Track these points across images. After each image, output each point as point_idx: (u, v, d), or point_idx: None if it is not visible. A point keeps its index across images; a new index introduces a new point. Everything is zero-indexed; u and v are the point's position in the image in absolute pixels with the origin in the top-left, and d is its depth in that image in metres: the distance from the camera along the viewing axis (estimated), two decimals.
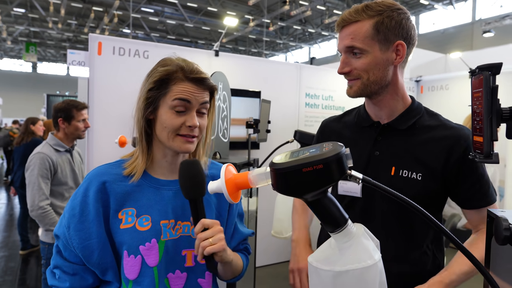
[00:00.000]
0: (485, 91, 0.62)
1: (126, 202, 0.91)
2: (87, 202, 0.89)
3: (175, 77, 0.91)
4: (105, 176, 0.92)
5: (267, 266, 4.01)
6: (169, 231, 0.91)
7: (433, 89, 5.10)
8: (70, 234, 0.88)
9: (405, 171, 1.06)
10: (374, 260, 0.62)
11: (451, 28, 16.80)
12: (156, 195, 0.93)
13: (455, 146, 1.04)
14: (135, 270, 0.88)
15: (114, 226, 0.89)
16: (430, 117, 1.13)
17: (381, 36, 1.02)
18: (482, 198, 1.06)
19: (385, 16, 1.02)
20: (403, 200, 0.59)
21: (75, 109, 2.37)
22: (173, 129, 0.90)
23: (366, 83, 1.06)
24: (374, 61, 1.04)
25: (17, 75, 30.45)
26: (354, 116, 1.24)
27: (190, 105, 0.90)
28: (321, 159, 0.59)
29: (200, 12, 17.74)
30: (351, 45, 1.04)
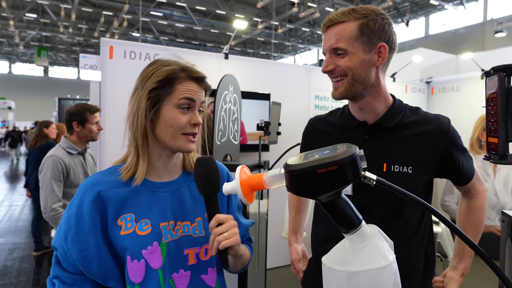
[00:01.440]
0: (500, 92, 0.62)
1: (124, 209, 0.91)
2: (82, 213, 0.89)
3: (180, 76, 0.93)
4: (100, 186, 0.91)
5: (278, 268, 4.01)
6: (169, 233, 0.92)
7: (444, 91, 5.06)
8: (68, 246, 0.88)
9: (396, 166, 1.10)
10: (388, 261, 0.62)
11: (462, 28, 16.62)
12: (153, 198, 0.94)
13: (440, 137, 1.11)
14: (140, 274, 0.89)
15: (114, 233, 0.90)
16: (411, 113, 1.18)
17: (364, 37, 1.06)
18: (471, 171, 1.19)
19: (369, 19, 1.07)
20: (417, 201, 0.60)
21: (88, 112, 2.41)
22: (179, 128, 0.91)
23: (351, 82, 1.09)
24: (357, 61, 1.07)
25: (29, 79, 31.00)
26: (339, 117, 1.26)
27: (194, 103, 0.93)
28: (336, 160, 0.60)
29: (208, 15, 17.86)
30: (335, 46, 1.08)
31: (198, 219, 0.98)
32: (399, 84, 4.97)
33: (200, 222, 0.98)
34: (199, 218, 0.98)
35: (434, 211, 0.61)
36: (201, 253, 0.96)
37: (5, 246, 4.87)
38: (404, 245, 1.11)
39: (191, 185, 1.01)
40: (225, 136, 2.23)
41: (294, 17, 16.92)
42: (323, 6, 14.99)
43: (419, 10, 17.43)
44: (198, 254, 0.95)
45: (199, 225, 0.97)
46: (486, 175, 4.45)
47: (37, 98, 30.03)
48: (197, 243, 0.96)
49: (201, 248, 0.96)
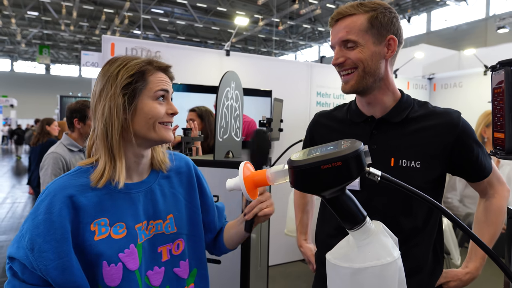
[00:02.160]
0: (506, 87, 0.61)
1: (97, 213, 0.86)
2: (52, 219, 0.81)
3: (149, 69, 0.92)
4: (70, 189, 0.85)
5: (280, 265, 4.02)
6: (143, 233, 0.91)
7: (447, 87, 5.04)
8: (34, 256, 0.79)
9: (404, 161, 1.09)
10: (393, 257, 0.62)
11: (464, 24, 16.53)
12: (127, 200, 0.91)
13: (449, 130, 1.09)
14: (117, 277, 0.86)
15: (88, 239, 0.84)
16: (420, 107, 1.16)
17: (374, 30, 1.07)
18: (486, 167, 1.14)
19: (378, 12, 1.07)
20: (421, 197, 0.60)
21: (88, 109, 2.42)
22: (158, 117, 0.90)
23: (362, 74, 1.08)
24: (367, 53, 1.07)
25: (31, 77, 31.04)
26: (346, 112, 1.26)
27: (167, 94, 0.94)
28: (340, 156, 0.59)
29: (209, 12, 17.81)
30: (346, 39, 1.07)
31: (169, 216, 0.98)
32: (401, 80, 4.95)
33: (172, 219, 0.99)
34: (171, 215, 0.99)
35: (438, 206, 0.60)
36: (173, 248, 0.98)
37: (8, 243, 4.89)
38: (412, 240, 1.11)
39: (161, 182, 1.00)
40: (227, 133, 2.22)
41: (295, 13, 16.87)
42: (324, 3, 14.93)
43: (421, 6, 17.34)
44: (170, 249, 0.97)
45: (171, 222, 0.98)
46: None
47: (39, 96, 30.07)
48: (170, 240, 0.97)
49: (173, 244, 0.98)
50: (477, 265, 1.22)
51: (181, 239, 0.99)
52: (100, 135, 0.89)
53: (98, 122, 0.89)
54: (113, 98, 0.87)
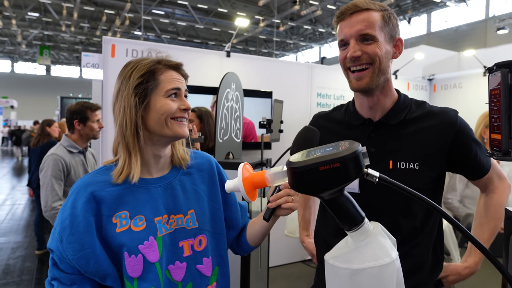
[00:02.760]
0: (503, 88, 0.61)
1: (118, 207, 0.93)
2: (76, 214, 0.90)
3: (159, 68, 0.95)
4: (92, 186, 0.93)
5: (280, 266, 4.02)
6: (164, 226, 0.95)
7: (447, 88, 5.04)
8: (63, 247, 0.89)
9: (402, 163, 1.09)
10: (391, 258, 0.62)
11: (464, 25, 16.54)
12: (146, 194, 0.96)
13: (446, 129, 1.09)
14: (138, 269, 0.91)
15: (110, 231, 0.91)
16: (417, 108, 1.16)
17: (387, 28, 1.08)
18: (485, 164, 1.15)
19: (390, 12, 1.09)
20: (419, 198, 0.60)
21: (89, 110, 2.41)
22: (171, 113, 0.94)
23: (376, 71, 1.07)
24: (383, 50, 1.07)
25: (31, 78, 31.07)
26: (344, 113, 1.25)
27: (180, 91, 0.97)
28: (338, 157, 0.59)
29: (210, 13, 17.83)
30: (365, 32, 1.05)
31: (191, 212, 1.00)
32: (401, 81, 4.96)
33: (193, 214, 1.00)
34: (192, 211, 1.00)
35: (435, 207, 0.61)
36: (195, 244, 0.99)
37: (8, 245, 4.89)
38: (412, 241, 1.11)
39: (182, 178, 1.03)
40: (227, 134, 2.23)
41: (296, 15, 16.88)
42: (324, 4, 14.94)
43: (421, 7, 17.35)
44: (192, 245, 0.98)
45: (192, 217, 1.00)
46: None
47: (39, 97, 30.10)
48: (191, 235, 0.98)
49: (195, 239, 0.99)
50: (476, 260, 1.23)
51: (203, 235, 1.01)
52: (118, 133, 0.96)
53: (115, 122, 0.97)
54: (126, 98, 0.93)
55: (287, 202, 0.94)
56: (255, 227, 1.10)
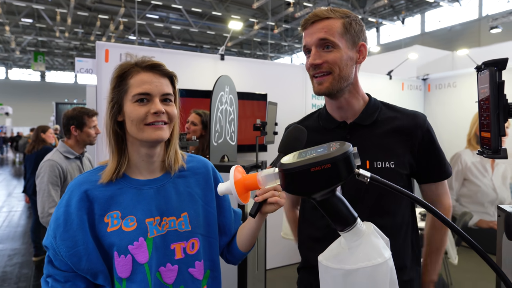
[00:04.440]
0: (491, 87, 0.62)
1: (110, 206, 0.94)
2: (70, 211, 0.92)
3: (131, 71, 0.94)
4: (86, 185, 0.95)
5: (277, 268, 4.01)
6: (155, 228, 0.94)
7: (441, 87, 5.07)
8: (57, 244, 0.91)
9: (379, 163, 1.13)
10: (384, 258, 0.62)
11: (458, 25, 16.66)
12: (138, 195, 0.96)
13: (416, 132, 1.15)
14: (127, 269, 0.91)
15: (102, 230, 0.92)
16: (388, 109, 1.21)
17: (348, 35, 1.10)
18: (438, 171, 1.20)
19: (352, 19, 1.12)
20: (410, 196, 0.61)
21: (86, 116, 2.41)
22: (140, 120, 0.92)
23: (337, 78, 1.10)
24: (344, 57, 1.09)
25: (26, 84, 30.94)
26: (317, 119, 1.28)
27: (150, 95, 0.93)
28: (329, 158, 0.60)
29: (204, 17, 17.86)
30: (324, 38, 1.09)
31: (184, 214, 0.99)
32: (396, 81, 4.98)
33: (186, 217, 0.99)
34: (185, 213, 0.99)
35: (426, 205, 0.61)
36: (187, 247, 0.98)
37: (4, 252, 4.85)
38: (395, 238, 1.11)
39: (176, 181, 1.03)
40: (221, 137, 2.23)
41: (290, 17, 16.92)
42: (318, 6, 15.00)
43: (415, 7, 17.46)
44: (185, 248, 0.97)
45: (185, 220, 0.99)
46: (484, 171, 4.46)
47: (34, 103, 29.96)
48: (184, 238, 0.98)
49: (187, 242, 0.98)
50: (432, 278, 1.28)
51: (196, 238, 1.00)
52: (105, 135, 0.98)
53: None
54: (107, 102, 0.96)
55: (273, 196, 0.92)
56: (244, 230, 1.10)
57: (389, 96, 4.66)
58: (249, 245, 1.10)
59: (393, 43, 18.77)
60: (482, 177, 4.46)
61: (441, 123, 4.82)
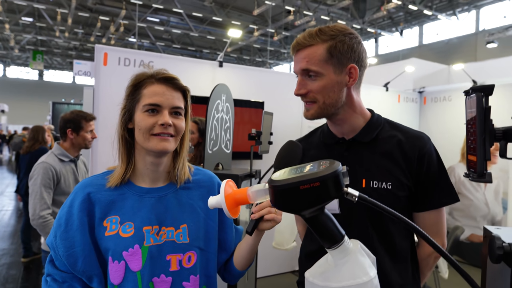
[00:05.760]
0: (478, 112, 0.63)
1: (110, 211, 0.96)
2: (72, 212, 0.94)
3: (145, 82, 0.97)
4: (90, 187, 0.97)
5: (268, 277, 3.99)
6: (152, 237, 0.95)
7: (436, 100, 5.11)
8: (56, 243, 0.93)
9: (375, 182, 1.09)
10: (369, 276, 0.63)
11: (455, 38, 16.83)
12: (139, 203, 0.97)
13: (418, 154, 1.10)
14: (119, 275, 0.92)
15: (100, 233, 0.94)
16: (391, 128, 1.17)
17: (334, 59, 1.06)
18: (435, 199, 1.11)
19: (337, 41, 1.06)
20: (396, 216, 0.61)
21: (84, 120, 2.41)
22: (147, 129, 0.94)
23: (322, 106, 1.09)
24: (329, 83, 1.07)
25: (23, 82, 30.81)
26: (319, 135, 1.27)
27: (160, 107, 0.95)
28: (318, 177, 0.60)
29: (205, 21, 17.93)
30: (306, 68, 1.07)
31: (183, 226, 0.99)
32: (392, 93, 5.02)
33: (185, 229, 0.99)
34: (185, 225, 0.99)
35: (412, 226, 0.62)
36: (184, 260, 0.97)
37: None
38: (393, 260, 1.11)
39: (179, 192, 1.03)
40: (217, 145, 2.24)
41: (290, 24, 17.04)
42: (318, 15, 15.13)
43: (413, 19, 17.64)
44: (181, 260, 0.97)
45: (184, 232, 0.98)
46: (477, 185, 4.49)
47: (31, 102, 29.81)
48: (180, 250, 0.97)
49: (184, 255, 0.97)
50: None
51: (193, 251, 0.99)
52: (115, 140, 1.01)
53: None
54: (120, 109, 1.00)
55: (270, 213, 0.92)
56: (241, 248, 1.09)
57: (385, 108, 4.69)
58: (246, 263, 1.09)
59: (391, 54, 18.93)
60: (475, 191, 4.49)
61: (435, 136, 4.83)
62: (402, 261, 1.13)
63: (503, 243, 0.62)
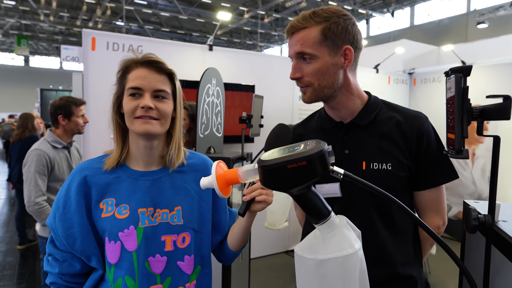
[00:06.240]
0: (456, 92, 0.66)
1: (106, 193, 0.99)
2: (70, 195, 0.98)
3: (131, 66, 1.00)
4: (87, 171, 1.01)
5: (261, 257, 4.08)
6: (147, 218, 0.98)
7: (426, 82, 5.16)
8: (56, 224, 0.98)
9: (375, 164, 1.10)
10: (354, 249, 0.67)
11: (446, 19, 16.81)
12: (134, 185, 1.01)
13: (416, 134, 1.11)
14: (116, 255, 0.96)
15: (96, 215, 0.98)
16: (388, 109, 1.18)
17: (329, 41, 1.06)
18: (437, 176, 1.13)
19: (331, 22, 1.06)
20: (379, 192, 0.65)
21: (74, 105, 2.40)
22: (130, 112, 0.97)
23: (318, 88, 1.09)
24: (324, 66, 1.07)
25: (9, 69, 30.09)
26: (317, 119, 1.27)
27: (142, 90, 0.97)
28: (305, 156, 0.63)
29: (194, 4, 17.60)
30: (300, 51, 1.07)
31: (177, 208, 1.02)
32: (382, 75, 5.05)
33: (179, 211, 1.02)
34: (179, 207, 1.02)
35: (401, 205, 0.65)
36: (178, 241, 1.01)
37: None
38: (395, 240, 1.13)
39: (173, 175, 1.06)
40: (208, 129, 2.25)
41: (281, 6, 16.83)
42: None
43: (405, 0, 17.54)
44: (175, 241, 1.00)
45: (178, 214, 1.02)
46: (464, 164, 4.59)
47: (17, 89, 29.20)
48: (175, 231, 1.00)
49: (178, 236, 1.01)
50: None
51: (188, 233, 1.02)
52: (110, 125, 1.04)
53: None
54: (113, 95, 1.03)
55: (261, 195, 0.94)
56: (234, 230, 1.11)
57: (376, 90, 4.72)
58: (240, 244, 1.12)
59: (382, 35, 18.87)
60: (463, 170, 4.60)
61: None
62: (404, 240, 1.15)
63: (478, 214, 0.66)
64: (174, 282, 0.99)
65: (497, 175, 0.65)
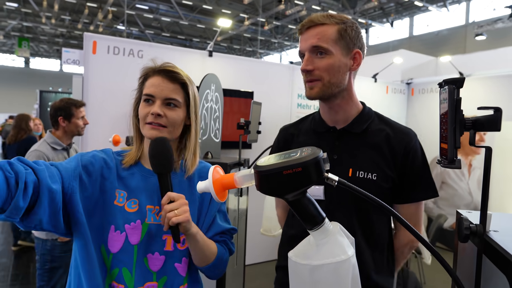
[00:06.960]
0: (449, 103, 0.68)
1: (120, 185, 1.01)
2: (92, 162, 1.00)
3: (149, 74, 1.05)
4: (107, 157, 1.04)
5: (256, 264, 4.07)
6: (153, 216, 1.01)
7: (424, 92, 5.20)
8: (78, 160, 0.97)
9: (361, 172, 1.14)
10: (347, 255, 0.68)
11: (445, 30, 16.96)
12: (145, 182, 1.04)
13: (404, 149, 1.15)
14: (118, 245, 0.97)
15: (109, 200, 0.99)
16: (380, 121, 1.22)
17: (343, 42, 1.11)
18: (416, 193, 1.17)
19: (347, 25, 1.12)
20: (373, 200, 0.66)
21: (74, 107, 2.42)
22: (142, 118, 1.02)
23: (327, 84, 1.12)
24: (336, 63, 1.11)
25: (9, 70, 30.09)
26: (310, 122, 1.30)
27: (154, 98, 1.01)
28: (300, 162, 0.65)
29: (195, 10, 17.71)
30: (317, 44, 1.11)
31: None
32: (380, 84, 5.08)
33: None
34: None
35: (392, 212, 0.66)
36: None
37: None
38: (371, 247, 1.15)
39: (182, 180, 1.08)
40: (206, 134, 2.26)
41: (281, 14, 16.95)
42: (309, 4, 15.07)
43: (404, 10, 17.70)
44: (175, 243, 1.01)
45: None
46: (461, 175, 4.61)
47: (17, 90, 29.17)
48: None
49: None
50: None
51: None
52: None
53: None
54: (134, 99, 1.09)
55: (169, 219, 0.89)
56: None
57: (374, 99, 4.76)
58: (199, 262, 1.06)
59: (381, 45, 19.01)
60: (459, 181, 4.61)
61: (422, 127, 4.93)
62: (379, 249, 1.18)
63: (470, 223, 0.67)
64: (169, 282, 1.01)
65: (488, 185, 0.66)
